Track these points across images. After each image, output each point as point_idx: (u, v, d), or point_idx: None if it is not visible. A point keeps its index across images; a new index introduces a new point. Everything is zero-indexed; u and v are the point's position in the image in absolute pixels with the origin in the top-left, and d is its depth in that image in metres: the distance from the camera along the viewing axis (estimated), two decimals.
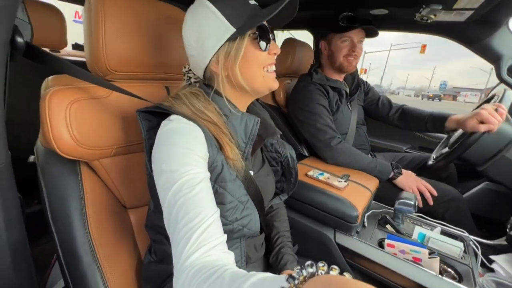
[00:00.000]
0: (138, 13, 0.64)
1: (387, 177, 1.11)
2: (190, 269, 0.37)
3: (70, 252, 0.55)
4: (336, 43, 1.21)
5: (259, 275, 0.33)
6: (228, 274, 0.35)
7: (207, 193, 0.46)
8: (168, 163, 0.46)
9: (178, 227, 0.41)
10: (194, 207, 0.42)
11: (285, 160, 0.72)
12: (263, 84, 0.57)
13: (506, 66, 1.14)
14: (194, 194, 0.43)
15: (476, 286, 0.70)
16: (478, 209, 1.31)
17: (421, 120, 1.27)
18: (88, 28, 0.59)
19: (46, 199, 0.57)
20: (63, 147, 0.53)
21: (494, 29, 1.12)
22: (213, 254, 0.40)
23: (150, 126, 0.55)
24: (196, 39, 0.54)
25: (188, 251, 0.39)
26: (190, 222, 0.41)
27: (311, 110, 1.19)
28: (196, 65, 0.58)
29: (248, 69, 0.55)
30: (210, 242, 0.40)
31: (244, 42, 0.53)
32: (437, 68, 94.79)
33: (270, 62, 0.57)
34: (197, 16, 0.53)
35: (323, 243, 0.91)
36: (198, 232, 0.40)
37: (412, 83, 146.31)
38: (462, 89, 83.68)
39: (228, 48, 0.53)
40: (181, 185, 0.43)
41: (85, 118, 0.56)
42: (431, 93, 58.07)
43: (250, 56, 0.54)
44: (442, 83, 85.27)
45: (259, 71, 0.56)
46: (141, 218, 0.65)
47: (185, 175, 0.44)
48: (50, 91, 0.53)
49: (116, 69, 0.63)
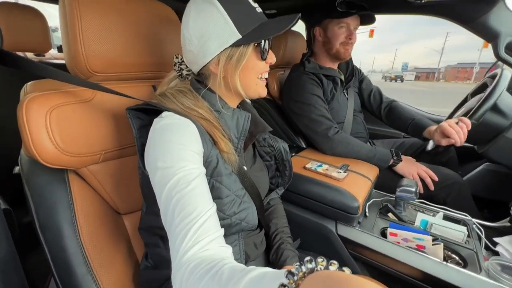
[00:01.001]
0: (117, 10, 0.60)
1: (387, 165, 1.09)
2: (188, 264, 0.37)
3: (62, 263, 0.53)
4: (333, 29, 1.17)
5: (259, 270, 0.33)
6: (227, 269, 0.34)
7: (203, 188, 0.46)
8: (163, 160, 0.45)
9: (174, 223, 0.41)
10: (190, 203, 0.42)
11: (279, 153, 0.72)
12: (255, 91, 0.59)
13: (504, 44, 1.10)
14: (190, 190, 0.43)
15: (481, 271, 0.70)
16: (479, 191, 1.31)
17: (404, 124, 1.29)
18: (64, 27, 0.56)
19: (33, 210, 0.55)
20: (46, 156, 0.51)
21: (490, 6, 1.08)
22: (211, 248, 0.40)
23: (142, 124, 0.55)
24: (199, 37, 0.52)
25: (185, 247, 0.39)
26: (187, 217, 0.41)
27: (305, 101, 1.16)
28: (194, 61, 0.56)
29: (246, 76, 0.56)
30: (207, 236, 0.40)
31: (249, 52, 0.53)
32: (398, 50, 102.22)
33: (266, 70, 0.59)
34: (203, 12, 0.51)
35: (325, 236, 0.90)
36: (195, 227, 0.40)
37: (380, 66, 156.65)
38: (422, 69, 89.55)
39: (231, 52, 0.53)
40: (177, 181, 0.43)
41: (68, 124, 0.54)
42: (393, 75, 59.73)
43: (250, 64, 0.55)
44: (404, 64, 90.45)
45: (255, 79, 0.58)
46: (136, 223, 0.63)
47: (180, 171, 0.44)
48: (27, 98, 0.50)
49: (98, 71, 0.60)
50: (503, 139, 1.04)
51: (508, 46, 1.11)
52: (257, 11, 0.54)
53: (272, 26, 0.52)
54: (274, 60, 0.59)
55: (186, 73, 0.60)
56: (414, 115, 1.28)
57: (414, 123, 1.25)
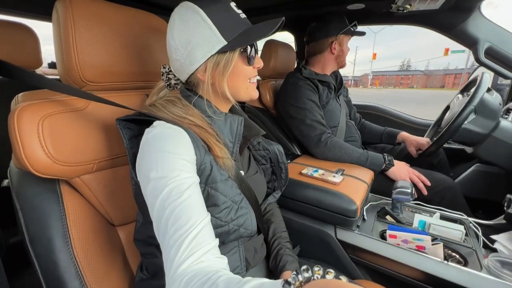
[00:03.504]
0: (110, 21, 0.61)
1: (379, 169, 1.10)
2: (182, 277, 0.36)
3: (54, 279, 0.50)
4: (345, 44, 1.28)
5: (254, 281, 0.32)
6: (222, 281, 0.33)
7: (197, 198, 0.45)
8: (155, 170, 0.44)
9: (168, 235, 0.40)
10: (184, 214, 0.41)
11: (274, 155, 0.72)
12: (246, 94, 0.59)
13: (483, 49, 1.17)
14: (182, 200, 0.42)
15: (482, 268, 0.69)
16: (472, 192, 1.33)
17: (378, 135, 1.51)
18: (57, 39, 0.56)
19: (23, 224, 0.52)
20: (38, 166, 0.49)
21: (467, 15, 1.15)
22: (205, 260, 0.39)
23: (132, 134, 0.54)
24: (185, 45, 0.53)
25: (179, 259, 0.38)
26: (180, 228, 0.40)
27: (301, 106, 1.19)
28: (181, 69, 0.56)
29: (234, 82, 0.56)
30: (201, 248, 0.39)
31: (235, 57, 0.54)
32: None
33: (254, 74, 0.59)
34: (187, 21, 0.52)
35: (324, 242, 0.89)
36: (189, 239, 0.39)
37: None
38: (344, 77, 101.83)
39: (217, 59, 0.53)
40: (169, 192, 0.42)
41: (60, 133, 0.53)
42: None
43: (237, 70, 0.56)
44: None
45: (244, 83, 0.58)
46: (131, 235, 0.60)
47: (172, 181, 0.43)
48: (19, 106, 0.49)
49: (92, 80, 0.60)
50: (491, 139, 1.07)
51: (487, 51, 1.17)
52: (241, 17, 0.54)
53: (257, 31, 0.53)
54: (261, 64, 0.59)
55: (174, 83, 0.60)
56: (384, 128, 1.51)
57: (387, 133, 1.47)
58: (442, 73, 76.44)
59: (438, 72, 77.28)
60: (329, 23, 1.24)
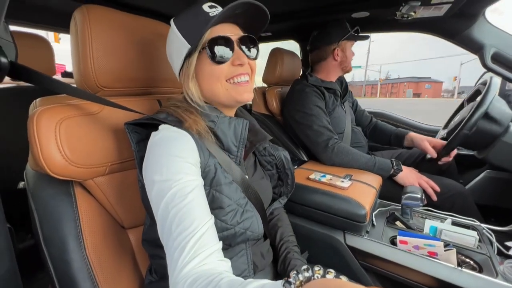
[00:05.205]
0: (125, 29, 0.64)
1: (387, 174, 1.09)
2: (185, 279, 0.37)
3: (67, 279, 0.51)
4: (349, 49, 1.29)
5: (256, 282, 0.33)
6: (224, 283, 0.34)
7: (200, 201, 0.45)
8: (160, 173, 0.45)
9: (172, 237, 0.41)
10: (187, 216, 0.42)
11: (280, 161, 0.72)
12: (227, 96, 0.56)
13: (490, 55, 1.17)
14: (186, 203, 0.43)
15: (498, 275, 0.68)
16: (483, 198, 1.30)
17: (387, 136, 1.46)
18: (75, 46, 0.59)
19: (38, 225, 0.53)
20: (54, 167, 0.51)
21: (472, 21, 1.16)
22: (209, 263, 0.39)
23: (140, 138, 0.55)
24: (169, 59, 0.60)
25: (183, 261, 0.38)
26: (184, 231, 0.40)
27: (308, 112, 1.20)
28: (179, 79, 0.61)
29: (206, 85, 0.56)
30: (205, 250, 0.40)
31: (194, 59, 0.54)
32: None
33: (237, 73, 0.55)
34: (168, 37, 0.59)
35: (333, 247, 0.88)
36: (192, 241, 0.40)
37: None
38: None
39: (185, 64, 0.55)
40: (173, 195, 0.43)
41: (76, 136, 0.54)
42: None
43: (204, 71, 0.54)
44: None
45: (220, 85, 0.55)
46: (141, 238, 0.61)
47: (176, 184, 0.44)
48: (37, 110, 0.51)
49: (106, 86, 0.62)
50: (501, 143, 1.05)
51: (494, 56, 1.17)
52: (210, 16, 0.52)
53: (207, 24, 0.49)
54: (242, 61, 0.54)
55: None
56: (394, 129, 1.46)
57: (396, 134, 1.42)
58: (360, 84, 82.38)
59: (360, 83, 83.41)
60: (330, 30, 1.26)
